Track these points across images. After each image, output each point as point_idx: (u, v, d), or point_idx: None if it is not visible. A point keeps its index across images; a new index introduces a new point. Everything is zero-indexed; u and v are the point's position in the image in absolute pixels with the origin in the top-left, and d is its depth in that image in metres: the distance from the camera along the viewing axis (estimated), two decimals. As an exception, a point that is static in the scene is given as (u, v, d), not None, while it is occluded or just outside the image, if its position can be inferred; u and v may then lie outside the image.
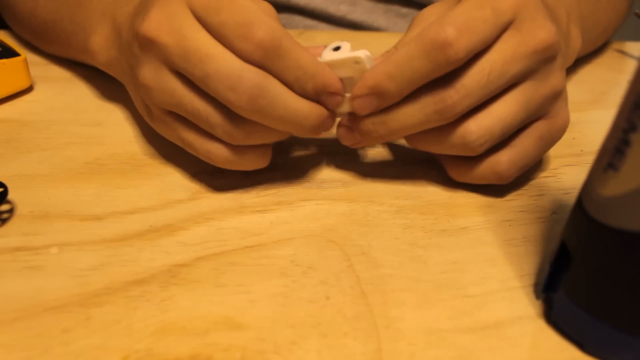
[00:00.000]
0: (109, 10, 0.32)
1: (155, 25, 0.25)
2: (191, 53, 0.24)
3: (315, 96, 0.26)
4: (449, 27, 0.24)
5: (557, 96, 0.28)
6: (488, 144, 0.27)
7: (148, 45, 0.26)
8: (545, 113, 0.28)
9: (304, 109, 0.26)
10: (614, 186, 0.19)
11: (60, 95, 0.38)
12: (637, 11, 0.52)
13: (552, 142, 0.29)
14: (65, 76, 0.40)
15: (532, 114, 0.27)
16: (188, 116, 0.26)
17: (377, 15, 0.55)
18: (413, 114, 0.26)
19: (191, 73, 0.25)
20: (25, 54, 0.37)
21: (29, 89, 0.38)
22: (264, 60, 0.24)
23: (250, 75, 0.24)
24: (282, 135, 0.27)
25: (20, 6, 0.41)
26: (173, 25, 0.25)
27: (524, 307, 0.23)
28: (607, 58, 0.50)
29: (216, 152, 0.27)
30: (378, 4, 0.54)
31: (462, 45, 0.24)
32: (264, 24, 0.24)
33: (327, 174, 0.31)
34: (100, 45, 0.33)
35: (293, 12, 0.54)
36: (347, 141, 0.29)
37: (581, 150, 0.35)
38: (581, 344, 0.22)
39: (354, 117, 0.28)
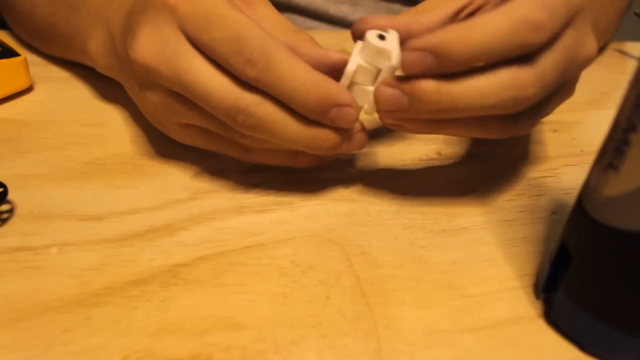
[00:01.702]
0: (102, 14, 0.32)
1: (147, 51, 0.25)
2: (189, 86, 0.25)
3: (323, 111, 0.24)
4: (543, 10, 0.22)
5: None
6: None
7: (144, 71, 0.26)
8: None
9: (308, 133, 0.25)
10: (614, 186, 0.19)
11: (60, 95, 0.38)
12: (637, 11, 0.52)
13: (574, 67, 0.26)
14: (65, 76, 0.40)
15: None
16: (205, 126, 0.27)
17: None
18: (488, 95, 0.23)
19: (191, 99, 0.25)
20: (25, 54, 0.37)
21: (29, 89, 0.38)
22: (258, 75, 0.24)
23: (244, 107, 0.24)
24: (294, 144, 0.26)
25: (19, 8, 0.41)
26: (166, 52, 0.25)
27: (524, 307, 0.23)
28: (607, 58, 0.50)
29: (240, 153, 0.28)
30: (379, 3, 0.54)
31: (549, 29, 0.23)
32: (254, 37, 0.23)
33: (327, 174, 0.31)
34: (97, 52, 0.33)
35: (294, 12, 0.54)
36: (388, 105, 0.24)
37: (581, 150, 0.35)
38: (581, 344, 0.22)
39: (406, 79, 0.23)
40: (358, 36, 0.27)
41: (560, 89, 0.27)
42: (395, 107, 0.24)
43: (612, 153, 0.19)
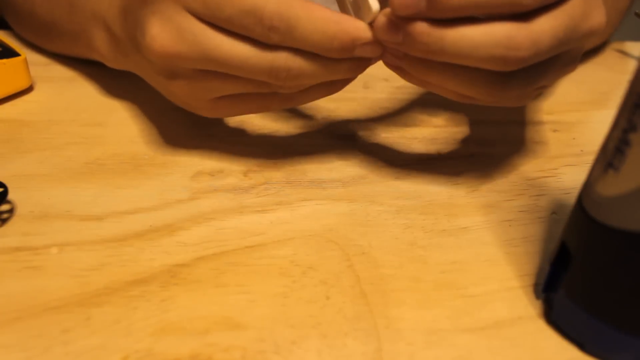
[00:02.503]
0: (96, 12, 0.32)
1: (164, 41, 0.25)
2: (221, 61, 0.25)
3: (349, 52, 0.25)
4: None
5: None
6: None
7: (167, 61, 0.26)
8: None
9: (345, 63, 0.26)
10: (614, 186, 0.19)
11: (61, 95, 0.38)
12: (637, 11, 0.52)
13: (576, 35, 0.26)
14: (65, 76, 0.40)
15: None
16: (238, 91, 0.27)
17: None
18: (478, 47, 0.23)
19: (225, 72, 0.26)
20: (25, 54, 0.37)
21: (29, 89, 0.38)
22: (283, 38, 0.24)
23: (283, 64, 0.25)
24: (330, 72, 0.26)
25: (19, 7, 0.41)
26: (185, 37, 0.25)
27: (524, 307, 0.23)
28: (607, 58, 0.50)
29: (279, 104, 0.28)
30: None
31: None
32: (268, 2, 0.24)
33: (327, 174, 0.31)
34: (105, 48, 0.33)
35: None
36: (384, 36, 0.24)
37: (581, 150, 0.35)
38: (581, 344, 0.22)
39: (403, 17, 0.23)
40: None
41: (558, 59, 0.26)
42: (391, 38, 0.24)
43: (612, 153, 0.19)
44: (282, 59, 0.25)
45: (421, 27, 0.23)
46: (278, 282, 0.24)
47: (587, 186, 0.20)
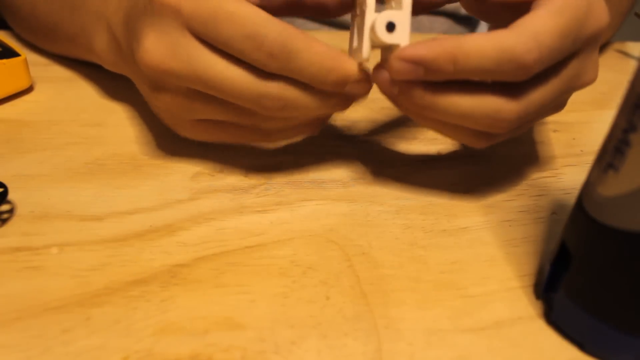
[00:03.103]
0: (102, 14, 0.32)
1: (157, 55, 0.25)
2: (210, 82, 0.25)
3: (341, 87, 0.25)
4: (534, 51, 0.23)
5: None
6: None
7: (157, 75, 0.26)
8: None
9: (329, 100, 0.26)
10: (614, 186, 0.19)
11: (61, 95, 0.38)
12: (637, 12, 0.52)
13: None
14: (65, 76, 0.40)
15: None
16: (220, 118, 0.27)
17: None
18: (468, 115, 0.24)
19: (212, 94, 0.25)
20: (25, 54, 0.37)
21: (29, 89, 0.38)
22: (280, 66, 0.24)
23: (272, 93, 0.25)
24: (313, 111, 0.27)
25: (19, 7, 0.41)
26: (178, 54, 0.25)
27: (524, 307, 0.23)
28: (608, 58, 0.50)
29: (259, 138, 0.28)
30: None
31: (535, 70, 0.23)
32: (270, 31, 0.24)
33: (327, 174, 0.31)
34: (104, 50, 0.33)
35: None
36: (381, 87, 0.26)
37: (581, 150, 0.35)
38: (581, 344, 0.22)
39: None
40: None
41: (549, 109, 0.28)
42: (387, 90, 0.25)
43: (612, 153, 0.19)
44: (275, 87, 0.25)
45: (415, 89, 0.24)
46: (278, 282, 0.24)
47: (587, 186, 0.20)
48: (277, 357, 0.21)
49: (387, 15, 0.24)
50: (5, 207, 0.27)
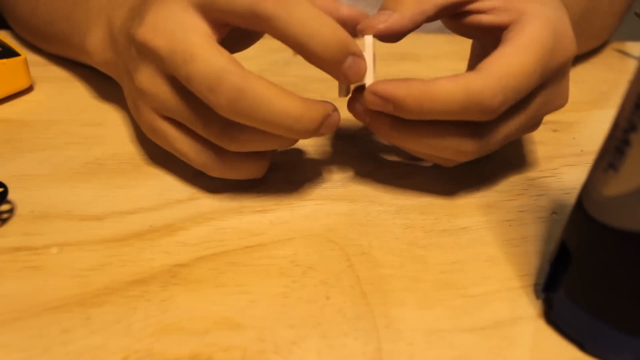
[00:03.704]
0: (104, 10, 0.32)
1: (150, 29, 0.25)
2: (178, 54, 0.24)
3: (341, 58, 0.24)
4: (500, 95, 0.24)
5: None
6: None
7: (143, 50, 0.25)
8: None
9: (295, 110, 0.24)
10: (614, 186, 0.19)
11: (60, 95, 0.38)
12: (637, 11, 0.52)
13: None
14: (65, 76, 0.40)
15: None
16: (185, 122, 0.26)
17: None
18: (432, 147, 0.26)
19: (178, 74, 0.24)
20: (25, 54, 0.37)
21: (29, 89, 0.38)
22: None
23: (230, 77, 0.23)
24: (282, 142, 0.26)
25: (21, 7, 0.41)
26: (166, 27, 0.25)
27: (524, 307, 0.23)
28: (608, 58, 0.50)
29: (210, 161, 0.27)
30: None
31: (502, 110, 0.25)
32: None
33: (327, 174, 0.31)
34: (96, 46, 0.33)
35: None
36: (355, 115, 0.27)
37: (581, 150, 0.35)
38: (581, 344, 0.22)
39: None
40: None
41: (520, 131, 0.29)
42: (360, 117, 0.27)
43: (612, 153, 0.19)
44: (232, 76, 0.23)
45: (385, 121, 0.26)
46: (278, 282, 0.24)
47: (587, 186, 0.20)
48: (277, 357, 0.21)
49: None
50: (5, 207, 0.27)
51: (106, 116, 0.35)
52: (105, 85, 0.39)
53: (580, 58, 0.47)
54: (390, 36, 0.27)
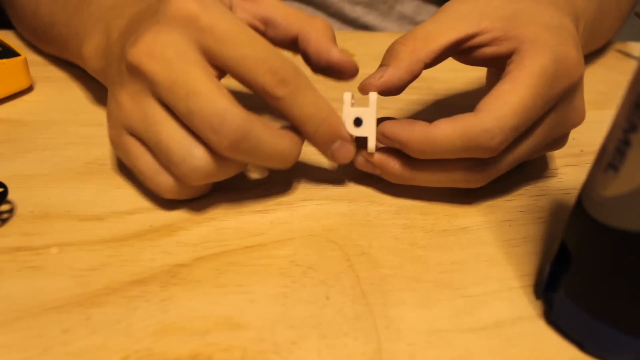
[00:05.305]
0: (104, 18, 0.32)
1: (145, 51, 0.24)
2: (179, 87, 0.24)
3: (330, 141, 0.27)
4: (498, 136, 0.25)
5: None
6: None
7: (133, 71, 0.25)
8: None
9: (286, 148, 0.26)
10: (614, 186, 0.19)
11: (60, 95, 0.38)
12: (637, 11, 0.52)
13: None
14: (65, 76, 0.40)
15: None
16: (152, 145, 0.25)
17: (390, 21, 0.56)
18: (442, 182, 0.28)
19: (175, 107, 0.24)
20: (25, 54, 0.37)
21: (29, 89, 0.38)
22: (286, 95, 0.25)
23: (234, 118, 0.23)
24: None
25: (23, 6, 0.41)
26: (165, 54, 0.24)
27: (524, 307, 0.23)
28: (608, 58, 0.50)
29: (164, 185, 0.26)
30: (393, 8, 0.55)
31: (503, 147, 0.26)
32: (280, 57, 0.24)
33: (327, 174, 0.31)
34: (91, 53, 0.32)
35: (309, 5, 0.54)
36: (363, 168, 0.29)
37: (581, 150, 0.35)
38: (581, 344, 0.22)
39: (381, 149, 0.29)
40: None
41: (545, 148, 0.30)
42: (370, 171, 0.29)
43: (612, 153, 0.19)
44: (236, 117, 0.24)
45: (394, 167, 0.28)
46: (278, 282, 0.24)
47: (587, 186, 0.20)
48: (277, 357, 0.21)
49: (355, 112, 0.27)
50: (5, 207, 0.27)
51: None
52: (104, 85, 0.39)
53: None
54: (390, 89, 0.28)
